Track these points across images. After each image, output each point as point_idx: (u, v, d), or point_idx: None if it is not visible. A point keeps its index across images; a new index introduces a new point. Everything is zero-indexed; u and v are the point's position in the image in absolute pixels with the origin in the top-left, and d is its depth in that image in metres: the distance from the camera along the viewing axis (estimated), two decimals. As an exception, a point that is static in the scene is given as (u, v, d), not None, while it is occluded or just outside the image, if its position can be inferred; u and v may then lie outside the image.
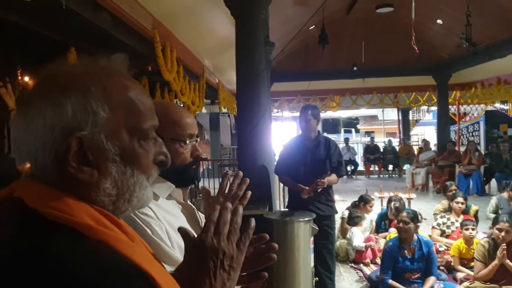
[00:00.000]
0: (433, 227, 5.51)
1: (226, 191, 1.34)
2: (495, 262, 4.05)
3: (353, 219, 5.77)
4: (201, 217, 1.45)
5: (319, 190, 3.77)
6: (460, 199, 5.46)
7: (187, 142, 1.33)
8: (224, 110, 12.14)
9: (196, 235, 0.83)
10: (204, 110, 14.60)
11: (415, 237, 4.11)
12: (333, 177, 3.95)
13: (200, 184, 3.94)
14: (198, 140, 1.38)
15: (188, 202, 1.45)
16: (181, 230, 0.82)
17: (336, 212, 4.19)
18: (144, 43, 4.82)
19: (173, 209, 1.33)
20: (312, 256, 3.62)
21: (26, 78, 5.14)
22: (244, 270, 0.85)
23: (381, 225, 6.05)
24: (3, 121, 5.15)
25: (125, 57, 0.76)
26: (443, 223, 5.46)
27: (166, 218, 1.25)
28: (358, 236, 5.49)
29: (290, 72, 11.78)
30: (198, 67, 7.42)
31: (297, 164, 3.96)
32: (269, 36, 6.33)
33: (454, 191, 5.95)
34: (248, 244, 0.83)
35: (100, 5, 3.70)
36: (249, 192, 1.34)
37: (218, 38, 6.72)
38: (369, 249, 5.40)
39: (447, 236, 5.37)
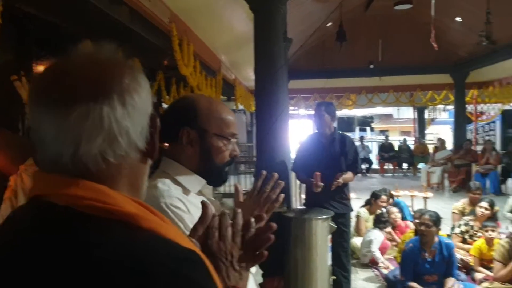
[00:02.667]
0: (454, 234, 5.31)
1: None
2: (516, 263, 3.99)
3: (381, 222, 5.61)
4: None
5: (333, 188, 3.71)
6: (484, 204, 5.17)
7: (230, 140, 1.31)
8: (240, 107, 12.13)
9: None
10: (221, 107, 14.63)
11: (436, 239, 4.04)
12: (349, 174, 3.89)
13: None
14: (238, 141, 1.37)
15: (212, 198, 1.44)
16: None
17: (352, 210, 4.15)
18: (161, 37, 4.82)
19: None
20: (329, 254, 3.60)
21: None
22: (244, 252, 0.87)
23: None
24: (18, 114, 5.18)
25: (115, 47, 0.72)
26: (466, 231, 5.23)
27: (196, 213, 1.24)
28: (378, 242, 5.36)
29: (307, 70, 11.72)
30: (215, 63, 7.41)
31: (313, 161, 3.92)
32: (286, 32, 6.29)
33: (479, 194, 5.74)
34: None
35: (117, -2, 3.70)
36: (282, 195, 1.33)
37: (236, 33, 6.70)
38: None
39: (469, 244, 5.09)
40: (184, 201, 1.21)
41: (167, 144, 1.34)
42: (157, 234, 0.62)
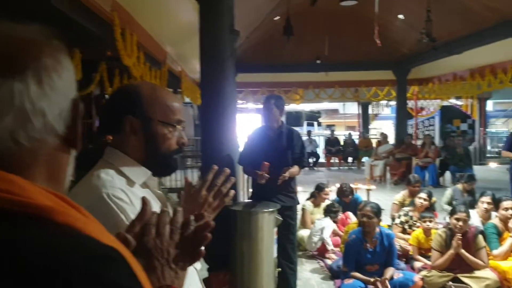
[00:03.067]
0: (395, 224, 5.51)
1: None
2: (451, 251, 4.17)
3: (332, 212, 5.73)
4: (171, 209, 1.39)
5: (279, 183, 3.73)
6: (423, 195, 5.45)
7: (176, 127, 1.26)
8: (187, 100, 11.96)
9: None
10: (165, 100, 14.35)
11: (377, 230, 4.16)
12: (295, 168, 3.93)
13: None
14: (184, 128, 1.31)
15: (158, 191, 1.39)
16: (120, 236, 0.76)
17: (298, 203, 4.20)
18: (102, 27, 4.63)
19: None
20: (275, 247, 3.61)
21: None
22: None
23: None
24: None
25: (44, 30, 0.67)
26: (406, 221, 5.45)
27: (139, 206, 1.18)
28: (330, 229, 5.47)
29: (255, 63, 11.73)
30: (160, 54, 7.24)
31: (260, 154, 3.92)
32: (234, 25, 6.23)
33: (418, 186, 6.00)
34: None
35: (55, -16, 3.51)
36: (233, 191, 1.30)
37: (182, 24, 6.56)
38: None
39: (408, 234, 5.34)
40: (128, 193, 1.15)
41: (111, 137, 1.27)
42: (73, 229, 0.56)
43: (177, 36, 7.41)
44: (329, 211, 5.75)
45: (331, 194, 6.40)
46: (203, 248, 0.85)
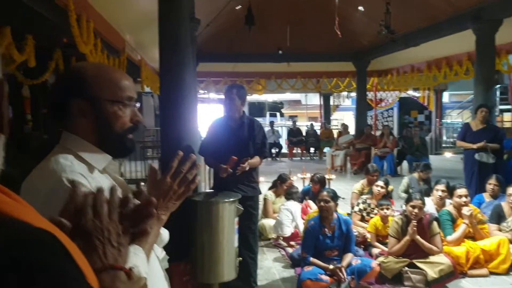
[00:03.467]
0: (354, 212, 5.64)
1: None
2: (407, 237, 4.29)
3: (293, 193, 5.79)
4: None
5: (238, 173, 3.72)
6: (380, 183, 5.61)
7: (127, 104, 1.22)
8: (147, 90, 11.76)
9: None
10: (125, 89, 14.03)
11: (335, 215, 4.24)
12: (256, 159, 3.93)
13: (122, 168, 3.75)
14: (137, 106, 1.27)
15: (119, 178, 1.35)
16: (54, 220, 0.74)
17: (260, 193, 4.20)
18: (57, 12, 4.47)
19: (108, 184, 1.22)
20: (236, 236, 3.61)
21: None
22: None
23: (303, 200, 6.20)
24: None
25: None
26: (364, 209, 5.58)
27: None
28: (299, 211, 5.55)
29: (217, 53, 11.66)
30: (119, 42, 7.06)
31: (221, 145, 3.89)
32: (194, 13, 6.15)
33: (376, 176, 6.14)
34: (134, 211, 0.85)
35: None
36: (199, 178, 1.26)
37: (141, 12, 6.42)
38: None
39: (367, 221, 5.48)
40: (88, 178, 1.12)
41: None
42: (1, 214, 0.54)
43: (136, 24, 7.25)
44: (290, 193, 5.82)
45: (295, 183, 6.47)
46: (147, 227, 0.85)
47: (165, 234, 1.28)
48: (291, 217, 5.49)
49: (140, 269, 0.85)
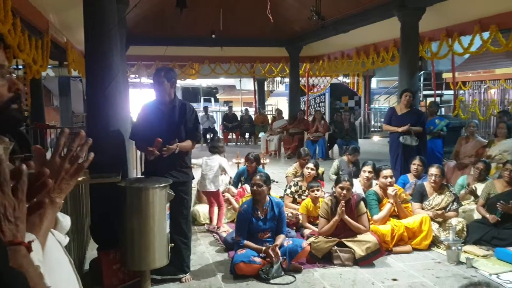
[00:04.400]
0: (286, 195, 5.75)
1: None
2: (336, 218, 4.45)
3: (216, 147, 5.72)
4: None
5: (164, 155, 3.64)
6: (310, 165, 5.75)
7: None
8: (75, 74, 11.20)
9: None
10: (52, 73, 13.27)
11: (267, 198, 4.30)
12: (187, 143, 3.87)
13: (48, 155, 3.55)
14: (14, 76, 1.18)
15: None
16: None
17: (193, 178, 4.15)
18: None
19: None
20: (168, 222, 3.56)
21: None
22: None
23: (238, 183, 6.24)
24: None
25: None
26: (296, 191, 5.71)
27: None
28: (225, 165, 5.62)
29: (148, 36, 11.32)
30: (41, 22, 6.63)
31: (152, 129, 3.79)
32: (122, -7, 5.92)
33: (307, 159, 6.26)
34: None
35: None
36: (92, 154, 1.19)
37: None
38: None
39: (299, 203, 5.59)
40: None
41: None
42: None
43: (60, 3, 6.85)
44: (214, 146, 5.76)
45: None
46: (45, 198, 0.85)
47: (66, 220, 1.21)
48: (214, 171, 5.44)
49: (34, 257, 0.80)
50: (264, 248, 4.06)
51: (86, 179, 3.60)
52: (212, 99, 26.95)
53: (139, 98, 17.43)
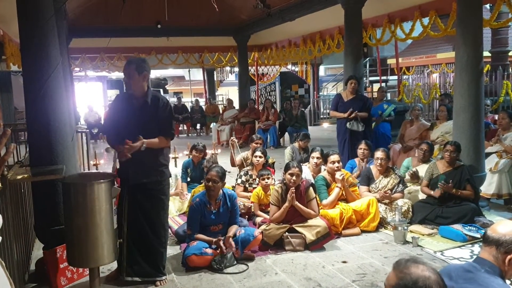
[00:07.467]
0: (237, 184, 5.77)
1: None
2: (286, 204, 4.50)
3: None
4: None
5: (126, 152, 3.46)
6: (258, 153, 5.80)
7: None
8: (15, 68, 10.69)
9: None
10: (-10, 68, 12.59)
11: (220, 192, 4.27)
12: (160, 139, 3.64)
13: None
14: None
15: None
16: None
17: (170, 176, 3.94)
18: None
19: None
20: (115, 218, 3.47)
21: None
22: None
23: (186, 176, 6.21)
24: None
25: None
26: (246, 180, 5.74)
27: None
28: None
29: (91, 27, 10.96)
30: (-28, 14, 6.26)
31: (123, 125, 3.60)
32: (59, -17, 5.65)
33: (260, 143, 6.35)
34: None
35: None
36: (13, 145, 1.14)
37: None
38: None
39: (250, 192, 5.58)
40: None
41: None
42: None
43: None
44: None
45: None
46: None
47: None
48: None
49: None
50: (215, 239, 4.04)
51: (28, 177, 3.47)
52: (161, 90, 26.48)
53: (85, 92, 16.87)
